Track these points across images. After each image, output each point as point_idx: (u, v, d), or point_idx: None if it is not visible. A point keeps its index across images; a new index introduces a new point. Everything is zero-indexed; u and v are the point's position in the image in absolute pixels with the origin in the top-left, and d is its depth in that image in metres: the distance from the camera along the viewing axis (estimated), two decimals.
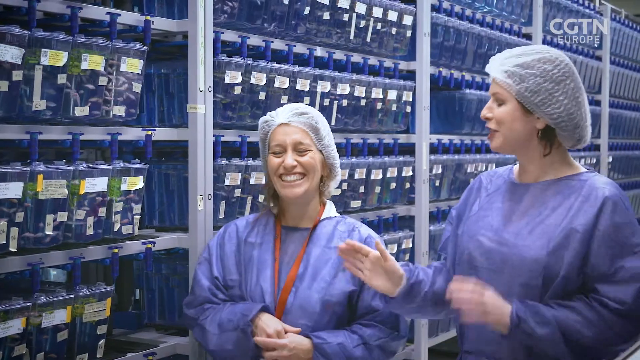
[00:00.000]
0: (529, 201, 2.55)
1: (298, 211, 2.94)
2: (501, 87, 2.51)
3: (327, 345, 2.77)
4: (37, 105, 2.61)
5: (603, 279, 2.42)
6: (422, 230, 4.62)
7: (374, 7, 4.12)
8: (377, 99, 4.20)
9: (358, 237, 2.90)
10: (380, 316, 2.86)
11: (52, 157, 3.00)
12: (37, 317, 2.59)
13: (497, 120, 2.52)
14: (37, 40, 2.58)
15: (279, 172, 2.86)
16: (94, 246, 2.85)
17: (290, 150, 2.86)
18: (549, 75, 2.48)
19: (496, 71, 2.52)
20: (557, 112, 2.47)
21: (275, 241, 2.92)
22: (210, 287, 2.90)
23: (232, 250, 2.93)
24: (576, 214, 2.46)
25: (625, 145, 8.26)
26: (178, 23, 3.21)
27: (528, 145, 2.53)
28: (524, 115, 2.50)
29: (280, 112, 2.92)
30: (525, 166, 2.59)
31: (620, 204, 2.46)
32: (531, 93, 2.47)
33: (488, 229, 2.57)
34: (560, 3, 6.53)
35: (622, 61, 8.16)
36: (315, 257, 2.88)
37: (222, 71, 3.25)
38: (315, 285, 2.84)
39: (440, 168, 4.80)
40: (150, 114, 3.39)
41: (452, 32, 4.87)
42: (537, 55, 2.51)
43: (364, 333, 2.83)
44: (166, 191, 3.37)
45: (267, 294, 2.84)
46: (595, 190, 2.48)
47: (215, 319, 2.83)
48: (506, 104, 2.51)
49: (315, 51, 3.82)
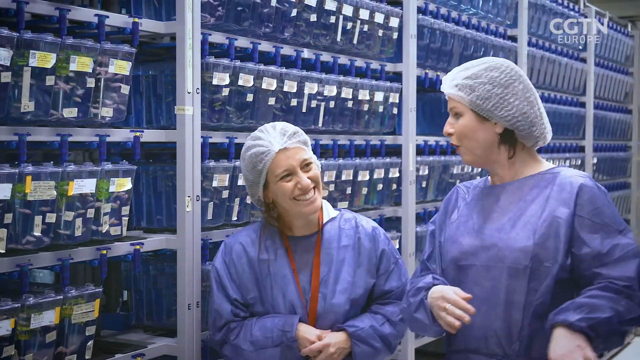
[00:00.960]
0: (506, 199, 2.64)
1: (306, 222, 3.00)
2: (455, 101, 2.62)
3: (361, 330, 2.95)
4: (26, 106, 2.61)
5: (601, 263, 2.49)
6: (409, 231, 4.64)
7: (360, 9, 4.14)
8: (364, 100, 4.21)
9: (364, 232, 3.04)
10: (395, 295, 3.04)
11: (39, 159, 3.00)
12: (25, 319, 2.59)
13: (458, 134, 2.63)
14: (25, 42, 2.58)
15: (294, 194, 2.89)
16: (82, 247, 2.86)
17: (299, 170, 2.89)
18: (497, 80, 2.60)
19: (448, 87, 2.65)
20: (511, 113, 2.58)
21: (287, 254, 2.98)
22: (233, 309, 2.95)
23: (245, 269, 2.97)
24: (554, 203, 2.56)
25: (609, 146, 8.31)
26: (166, 25, 3.22)
27: (493, 152, 2.63)
28: (482, 123, 2.60)
29: (272, 139, 2.90)
30: (497, 171, 2.68)
31: (596, 189, 2.56)
32: (482, 100, 2.58)
33: (469, 231, 2.65)
34: (545, 5, 6.57)
35: (607, 63, 8.21)
36: (332, 260, 2.98)
37: (209, 73, 3.26)
38: (339, 288, 2.97)
39: (426, 169, 4.82)
40: (138, 116, 3.40)
41: (438, 34, 4.89)
42: (483, 65, 2.64)
43: (386, 312, 3.02)
44: (154, 193, 3.37)
45: (297, 307, 2.93)
46: (568, 179, 2.59)
47: (247, 336, 2.91)
48: (463, 116, 2.62)
49: (302, 53, 3.83)
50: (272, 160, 2.88)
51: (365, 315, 3.01)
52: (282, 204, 2.93)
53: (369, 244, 3.03)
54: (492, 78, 2.59)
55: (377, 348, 2.97)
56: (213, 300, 2.98)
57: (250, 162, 2.92)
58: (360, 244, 3.01)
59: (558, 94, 6.99)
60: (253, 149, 2.91)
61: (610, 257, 2.48)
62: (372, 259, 3.02)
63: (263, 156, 2.89)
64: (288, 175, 2.89)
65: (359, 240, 3.02)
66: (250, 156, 2.91)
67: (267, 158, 2.88)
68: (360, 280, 2.99)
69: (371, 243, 3.03)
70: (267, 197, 2.96)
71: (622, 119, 8.69)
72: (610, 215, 2.53)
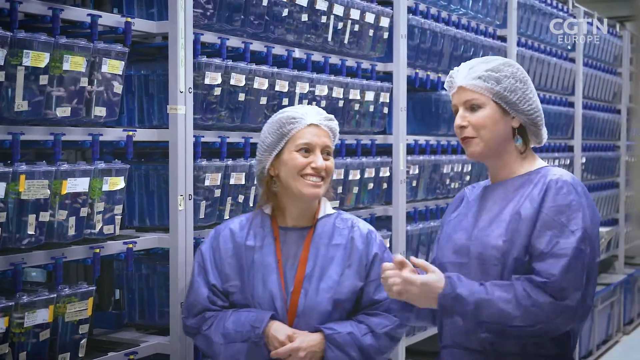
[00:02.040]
0: (493, 199, 2.68)
1: (300, 211, 2.92)
2: (476, 92, 2.61)
3: (338, 335, 2.82)
4: (19, 106, 2.62)
5: (539, 258, 2.49)
6: (399, 230, 4.66)
7: (351, 9, 4.16)
8: (355, 100, 4.23)
9: (359, 234, 2.96)
10: (384, 306, 2.92)
11: (32, 158, 3.01)
12: (19, 318, 2.60)
13: (476, 126, 2.62)
14: (19, 41, 2.59)
15: (304, 172, 2.84)
16: (75, 246, 2.87)
17: (318, 152, 2.87)
18: (517, 76, 2.64)
19: (468, 79, 2.63)
20: (532, 107, 2.63)
21: (275, 243, 2.92)
22: (209, 295, 2.89)
23: (229, 255, 2.91)
24: (525, 200, 2.57)
25: (598, 146, 8.35)
26: (158, 24, 3.23)
27: (504, 146, 2.65)
28: (503, 116, 2.62)
29: (308, 112, 2.90)
30: (497, 169, 2.69)
31: (567, 187, 2.54)
32: (510, 92, 2.61)
33: (462, 230, 2.68)
34: (535, 6, 6.60)
35: (595, 63, 8.25)
36: (321, 257, 2.89)
37: (201, 72, 3.27)
38: (323, 285, 2.86)
39: (417, 169, 4.84)
40: (130, 115, 3.41)
41: (429, 34, 4.91)
42: (500, 60, 2.67)
43: (371, 322, 2.89)
44: (146, 192, 3.38)
45: (277, 299, 2.84)
46: (544, 177, 2.60)
47: (219, 328, 2.84)
48: (484, 108, 2.61)
49: (293, 53, 3.85)
50: (301, 129, 2.86)
51: (347, 322, 2.89)
52: (286, 180, 2.86)
53: (362, 245, 2.93)
54: (512, 73, 2.62)
55: (352, 358, 2.83)
56: (192, 284, 2.93)
57: (278, 122, 2.88)
58: (352, 244, 2.92)
59: (547, 93, 7.03)
60: (287, 112, 2.91)
61: (547, 254, 2.48)
62: (363, 260, 2.92)
63: (294, 121, 2.87)
64: (307, 150, 2.85)
65: (352, 239, 2.93)
66: (281, 118, 2.89)
67: (297, 125, 2.86)
68: (347, 281, 2.89)
69: (364, 245, 2.94)
70: (273, 168, 2.90)
71: (611, 118, 8.73)
72: (568, 216, 2.50)
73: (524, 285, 2.47)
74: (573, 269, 2.45)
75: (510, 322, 2.46)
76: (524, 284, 2.48)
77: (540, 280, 2.46)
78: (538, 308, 2.45)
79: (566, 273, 2.45)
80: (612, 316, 8.11)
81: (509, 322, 2.47)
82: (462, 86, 2.63)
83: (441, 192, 5.14)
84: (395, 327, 2.92)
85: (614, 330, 8.21)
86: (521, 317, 2.46)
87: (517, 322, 2.46)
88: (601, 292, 7.72)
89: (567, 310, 2.45)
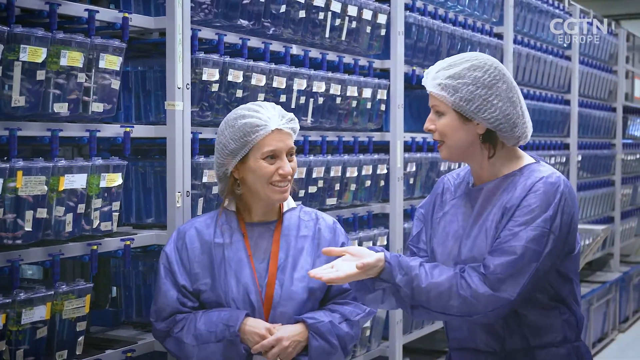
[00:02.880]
0: (480, 204, 2.63)
1: (265, 209, 2.92)
2: (437, 99, 2.57)
3: (321, 324, 2.83)
4: (16, 101, 2.61)
5: (491, 250, 2.49)
6: (396, 228, 4.65)
7: (349, 6, 4.15)
8: (352, 97, 4.22)
9: (325, 225, 2.98)
10: (352, 295, 2.93)
11: (28, 154, 2.99)
12: (16, 315, 2.58)
13: (440, 132, 2.59)
14: (16, 37, 2.58)
15: (273, 179, 2.82)
16: (72, 243, 2.85)
17: (284, 156, 2.84)
18: (480, 81, 2.54)
19: (430, 85, 2.59)
20: (494, 115, 2.53)
21: (243, 239, 2.90)
22: (178, 297, 2.84)
23: (197, 254, 2.87)
24: (509, 201, 2.53)
25: (593, 144, 8.36)
26: (155, 20, 3.22)
27: (473, 151, 2.60)
28: (464, 124, 2.56)
29: (271, 117, 2.83)
30: (476, 170, 2.66)
31: (545, 187, 2.50)
32: (466, 102, 2.53)
33: (453, 236, 2.65)
34: (531, 3, 6.60)
35: (591, 61, 8.26)
36: (291, 248, 2.90)
37: (199, 68, 3.26)
38: (297, 275, 2.86)
39: (414, 166, 4.83)
40: (127, 111, 3.39)
41: (426, 31, 4.90)
42: (467, 63, 2.57)
43: (344, 310, 2.91)
44: (143, 188, 3.37)
45: (251, 293, 2.83)
46: (526, 179, 2.56)
47: (190, 330, 2.80)
48: (445, 115, 2.57)
49: (291, 49, 3.83)
50: (265, 136, 2.81)
51: (321, 311, 2.90)
52: (254, 185, 2.84)
53: (329, 235, 2.96)
54: (475, 78, 2.53)
55: (334, 346, 2.85)
56: (159, 287, 2.86)
57: (240, 130, 2.81)
58: (320, 235, 2.94)
59: (543, 91, 7.03)
60: (249, 118, 2.82)
61: (497, 247, 2.47)
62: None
63: (258, 129, 2.80)
64: (272, 157, 2.83)
65: (319, 231, 2.95)
66: (244, 125, 2.81)
67: (261, 132, 2.80)
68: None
69: (331, 234, 2.96)
70: (237, 171, 2.86)
71: (607, 116, 8.74)
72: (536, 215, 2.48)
73: (468, 273, 2.47)
74: (517, 266, 2.44)
75: (447, 310, 2.46)
76: (467, 272, 2.47)
77: (482, 271, 2.46)
78: (475, 299, 2.44)
79: (508, 268, 2.43)
80: (608, 314, 8.12)
81: (446, 310, 2.47)
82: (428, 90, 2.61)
83: None
84: (365, 315, 2.96)
85: (610, 328, 8.22)
86: (458, 307, 2.45)
87: (454, 312, 2.46)
88: (597, 290, 7.73)
89: (503, 304, 2.44)
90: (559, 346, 2.59)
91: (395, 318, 4.62)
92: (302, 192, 3.85)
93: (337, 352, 2.87)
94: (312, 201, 3.94)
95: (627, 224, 9.39)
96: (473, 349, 2.63)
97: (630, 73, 9.57)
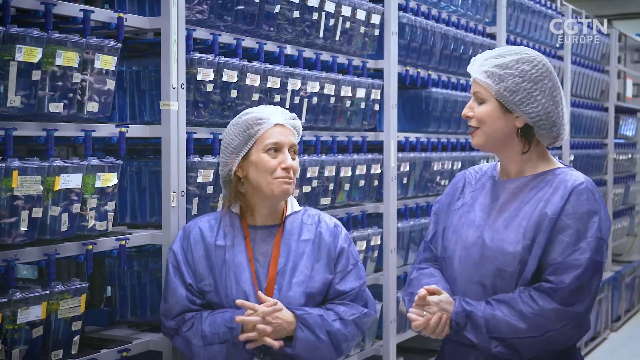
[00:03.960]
0: (506, 197, 2.63)
1: (269, 209, 2.95)
2: (481, 86, 2.59)
3: (309, 315, 2.84)
4: (12, 101, 2.61)
5: (553, 266, 2.49)
6: (390, 227, 4.66)
7: (342, 6, 4.16)
8: (346, 97, 4.23)
9: (326, 227, 3.00)
10: (350, 296, 2.95)
11: (24, 154, 3.00)
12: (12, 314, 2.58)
13: (478, 119, 2.61)
14: (11, 36, 2.57)
15: (276, 174, 2.86)
16: (68, 242, 2.85)
17: (286, 150, 2.89)
18: (527, 75, 2.55)
19: (477, 72, 2.61)
20: (536, 111, 2.55)
21: (245, 242, 2.93)
22: (187, 295, 2.89)
23: (201, 254, 2.91)
24: (545, 204, 2.54)
25: (586, 144, 8.38)
26: (150, 20, 3.22)
27: (508, 143, 2.61)
28: (504, 114, 2.58)
29: (273, 112, 2.93)
30: (505, 164, 2.67)
31: (587, 194, 2.53)
32: (510, 92, 2.54)
33: (470, 225, 2.65)
34: (523, 4, 6.62)
35: (583, 61, 8.28)
36: (292, 253, 2.92)
37: (194, 68, 3.26)
38: (296, 280, 2.89)
39: (407, 166, 4.85)
40: (121, 111, 3.40)
41: (419, 32, 4.92)
42: (516, 56, 2.59)
43: (339, 310, 2.93)
44: (138, 188, 3.37)
45: (250, 296, 2.85)
46: (564, 182, 2.56)
47: (197, 330, 2.84)
48: (486, 103, 2.59)
49: (285, 49, 3.84)
50: (267, 130, 2.88)
51: (316, 308, 2.92)
52: (258, 180, 2.87)
53: (329, 238, 2.98)
54: (523, 71, 2.55)
55: (321, 340, 2.85)
56: (169, 285, 2.91)
57: (243, 124, 2.90)
58: (320, 238, 2.96)
59: None
60: (251, 114, 2.92)
61: (560, 263, 2.48)
62: (331, 253, 2.96)
63: (260, 122, 2.88)
64: (275, 150, 2.87)
65: (319, 234, 2.97)
66: (246, 120, 2.90)
67: (264, 126, 2.88)
68: (318, 275, 2.92)
69: (331, 238, 2.98)
70: (241, 169, 2.92)
71: (599, 116, 8.76)
72: (587, 223, 2.49)
73: (531, 293, 2.47)
74: (584, 278, 2.46)
75: (519, 334, 2.47)
76: (531, 292, 2.48)
77: (549, 286, 2.46)
78: (544, 317, 2.45)
79: (577, 281, 2.45)
80: (600, 313, 8.14)
81: (518, 335, 2.47)
82: (473, 77, 2.63)
83: (432, 189, 5.14)
84: (362, 316, 2.96)
85: (602, 327, 8.24)
86: (528, 328, 2.46)
87: (525, 334, 2.46)
88: None
89: (576, 317, 2.46)
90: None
91: (389, 317, 4.63)
92: (297, 192, 3.86)
93: (325, 347, 2.87)
94: (306, 201, 3.95)
95: (619, 223, 9.42)
96: (466, 344, 2.64)
97: (622, 73, 9.60)
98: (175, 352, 3.17)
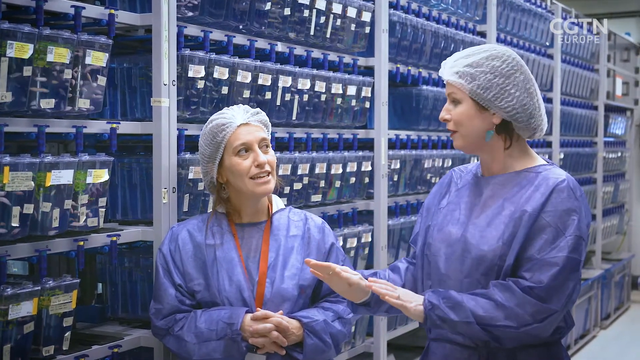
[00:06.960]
0: (488, 194, 2.64)
1: (254, 207, 3.01)
2: (455, 87, 2.61)
3: (315, 322, 2.90)
4: (3, 97, 2.61)
5: (529, 263, 2.49)
6: (380, 225, 4.67)
7: (333, 3, 4.17)
8: (337, 94, 4.24)
9: (314, 224, 3.07)
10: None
11: (15, 150, 2.99)
12: (3, 310, 2.58)
13: (455, 121, 2.62)
14: (2, 32, 2.57)
15: (251, 173, 2.90)
16: (59, 239, 2.85)
17: (256, 147, 2.92)
18: (498, 70, 2.58)
19: (448, 73, 2.63)
20: (511, 105, 2.57)
21: (234, 240, 2.97)
22: (177, 295, 2.93)
23: (190, 255, 2.95)
24: (526, 201, 2.55)
25: (575, 142, 8.41)
26: (142, 17, 3.22)
27: (488, 142, 2.62)
28: (480, 113, 2.59)
29: (235, 114, 2.96)
30: (488, 163, 2.67)
31: (568, 192, 2.53)
32: (483, 90, 2.57)
33: (455, 222, 2.66)
34: (513, 2, 6.64)
35: (573, 59, 8.31)
36: (281, 247, 2.97)
37: (185, 65, 3.27)
38: (287, 273, 2.94)
39: (398, 163, 4.86)
40: (112, 108, 3.39)
41: (410, 30, 4.93)
42: (485, 53, 2.61)
43: (337, 309, 2.98)
44: (129, 185, 3.37)
45: (244, 290, 2.90)
46: (546, 180, 2.57)
47: (191, 328, 2.87)
48: (462, 103, 2.61)
49: (276, 46, 3.85)
50: (232, 133, 2.92)
51: (314, 309, 2.98)
52: (237, 183, 2.93)
53: (318, 235, 3.05)
54: (493, 67, 2.57)
55: (327, 344, 2.93)
56: (158, 286, 2.95)
57: (210, 133, 2.95)
58: (309, 234, 3.04)
59: None
60: (215, 121, 2.96)
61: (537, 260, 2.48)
62: (322, 249, 3.04)
63: (224, 127, 2.93)
64: (245, 150, 2.92)
65: (308, 230, 3.04)
66: (212, 128, 2.95)
67: (228, 130, 2.92)
68: (309, 268, 2.90)
69: (320, 234, 3.06)
70: (221, 176, 2.97)
71: (588, 115, 8.79)
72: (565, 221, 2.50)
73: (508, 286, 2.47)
74: (562, 276, 2.46)
75: (496, 321, 2.46)
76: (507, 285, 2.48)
77: (527, 284, 2.46)
78: (522, 309, 2.45)
79: (554, 280, 2.46)
80: (590, 311, 8.18)
81: (495, 322, 2.47)
82: (445, 80, 2.64)
83: (422, 186, 5.16)
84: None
85: (592, 325, 8.28)
86: (505, 316, 2.46)
87: (502, 322, 2.46)
88: None
89: (552, 314, 2.47)
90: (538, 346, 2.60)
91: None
92: (287, 189, 3.87)
93: (330, 350, 2.94)
94: (297, 198, 3.96)
95: (609, 221, 9.46)
96: (453, 341, 2.65)
97: (612, 71, 9.64)
98: (166, 349, 3.17)
